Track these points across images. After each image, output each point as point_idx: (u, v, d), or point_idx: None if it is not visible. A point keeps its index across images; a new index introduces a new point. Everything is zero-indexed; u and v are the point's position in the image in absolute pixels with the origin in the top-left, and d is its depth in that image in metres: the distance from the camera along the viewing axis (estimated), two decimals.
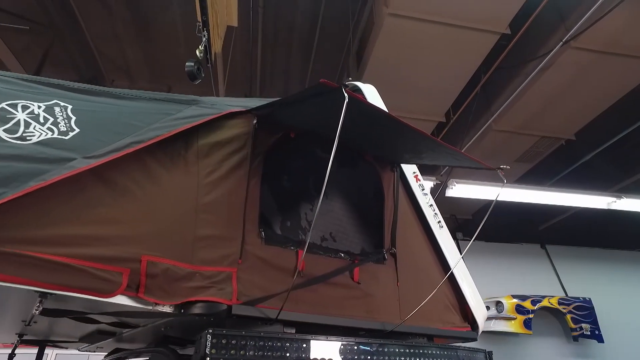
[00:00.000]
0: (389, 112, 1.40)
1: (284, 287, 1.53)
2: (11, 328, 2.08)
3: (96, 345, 2.78)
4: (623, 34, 3.73)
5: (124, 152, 1.43)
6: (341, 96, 1.17)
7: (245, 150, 1.69)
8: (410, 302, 1.92)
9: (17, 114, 1.47)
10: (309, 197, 1.92)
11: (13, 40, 5.32)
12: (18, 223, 1.19)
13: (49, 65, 6.15)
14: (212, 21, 3.06)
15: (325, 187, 1.95)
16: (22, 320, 1.79)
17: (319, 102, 1.45)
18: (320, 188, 1.97)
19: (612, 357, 6.84)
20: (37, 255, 1.17)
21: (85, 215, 1.31)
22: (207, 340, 1.20)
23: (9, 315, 1.75)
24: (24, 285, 1.13)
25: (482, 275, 2.29)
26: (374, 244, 2.05)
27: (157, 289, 1.32)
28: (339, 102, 1.18)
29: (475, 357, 1.95)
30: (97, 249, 1.27)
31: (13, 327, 2.04)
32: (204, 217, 1.50)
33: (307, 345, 1.35)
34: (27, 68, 5.73)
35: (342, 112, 1.15)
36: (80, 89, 1.73)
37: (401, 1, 3.45)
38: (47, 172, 1.30)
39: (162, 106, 1.77)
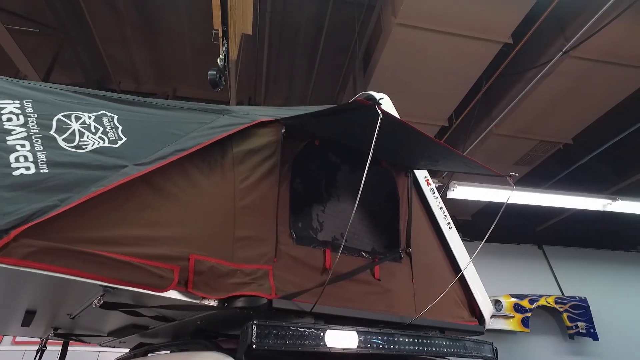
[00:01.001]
0: (415, 127, 1.54)
1: (313, 283, 1.68)
2: (53, 322, 2.21)
3: (120, 340, 2.91)
4: (619, 45, 3.90)
5: (169, 160, 1.56)
6: (375, 113, 1.31)
7: (275, 157, 1.83)
8: (423, 298, 2.07)
9: (72, 124, 1.61)
10: (333, 200, 2.07)
11: (22, 42, 5.40)
12: (84, 225, 1.32)
13: (57, 67, 6.25)
14: (230, 30, 3.20)
15: (344, 192, 2.10)
16: (67, 314, 1.91)
17: (346, 115, 1.59)
18: (342, 192, 2.13)
19: (606, 354, 7.01)
20: (102, 253, 1.30)
21: (138, 218, 1.45)
22: (253, 330, 1.33)
23: (60, 309, 1.88)
24: (93, 280, 1.26)
25: (481, 274, 2.44)
26: (385, 244, 2.19)
27: (203, 284, 1.46)
28: (372, 118, 1.33)
29: (482, 348, 2.10)
30: (151, 249, 1.40)
31: (55, 321, 2.16)
32: (242, 220, 1.64)
33: (337, 335, 1.49)
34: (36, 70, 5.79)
35: (376, 127, 1.29)
36: (122, 100, 1.86)
37: (409, 12, 3.60)
38: (104, 178, 1.43)
39: (197, 115, 1.91)
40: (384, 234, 2.14)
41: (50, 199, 1.30)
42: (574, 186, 6.31)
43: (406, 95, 4.51)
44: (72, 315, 1.91)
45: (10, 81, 1.73)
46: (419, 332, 1.73)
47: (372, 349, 1.55)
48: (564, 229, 7.77)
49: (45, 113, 1.60)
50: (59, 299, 1.69)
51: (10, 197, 1.26)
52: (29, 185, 1.32)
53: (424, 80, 4.34)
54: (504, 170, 6.08)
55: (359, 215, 2.09)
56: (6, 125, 1.48)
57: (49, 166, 1.40)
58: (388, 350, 1.60)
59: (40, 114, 1.59)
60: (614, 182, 6.82)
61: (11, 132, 1.46)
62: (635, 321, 7.50)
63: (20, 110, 1.57)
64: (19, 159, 1.39)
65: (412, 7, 3.54)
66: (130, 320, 2.06)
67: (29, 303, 1.82)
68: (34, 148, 1.45)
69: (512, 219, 7.19)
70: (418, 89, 4.44)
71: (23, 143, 1.44)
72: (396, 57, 4.03)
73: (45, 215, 1.24)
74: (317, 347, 1.43)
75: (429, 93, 4.53)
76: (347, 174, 2.14)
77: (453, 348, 1.91)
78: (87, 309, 1.72)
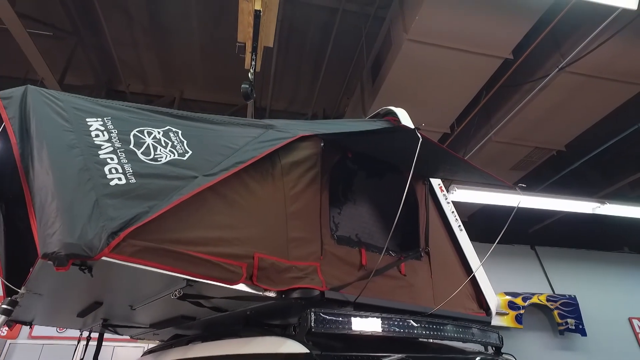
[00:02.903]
0: (447, 148, 1.82)
1: (352, 277, 1.95)
2: (107, 313, 2.44)
3: (154, 332, 3.14)
4: (610, 61, 4.23)
5: (232, 171, 1.81)
6: (416, 137, 1.58)
7: (316, 168, 2.09)
8: (440, 291, 2.35)
9: (146, 139, 1.84)
10: (364, 206, 2.34)
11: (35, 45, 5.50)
12: (170, 227, 1.56)
13: (68, 69, 6.41)
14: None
15: (374, 198, 2.37)
16: (129, 305, 2.15)
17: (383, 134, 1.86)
18: (372, 199, 2.40)
19: (594, 348, 7.37)
20: (187, 252, 1.54)
21: (210, 222, 1.69)
22: (311, 316, 1.59)
23: (126, 301, 2.11)
24: (181, 274, 1.51)
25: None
26: (408, 244, 2.47)
27: (265, 278, 1.71)
28: (412, 140, 1.59)
29: (489, 335, 2.38)
30: (224, 248, 1.65)
31: (110, 312, 2.39)
32: (292, 223, 1.90)
33: (376, 320, 1.76)
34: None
35: (416, 149, 1.56)
36: (183, 116, 2.10)
37: (419, 29, 3.88)
38: (181, 187, 1.67)
39: (246, 130, 2.15)
40: (406, 235, 2.42)
41: (141, 206, 1.54)
42: (565, 190, 6.63)
43: (412, 104, 4.79)
44: (134, 307, 2.14)
45: (91, 100, 1.96)
46: (435, 320, 2.00)
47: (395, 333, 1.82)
48: (556, 231, 8.10)
49: (123, 129, 1.83)
50: (135, 292, 1.93)
51: (112, 204, 1.49)
52: (123, 193, 1.55)
53: (430, 91, 4.64)
54: (501, 174, 6.42)
55: (386, 219, 2.37)
56: (96, 140, 1.72)
57: (135, 177, 1.64)
58: (408, 335, 1.87)
59: (120, 130, 1.82)
60: (603, 186, 7.15)
61: (101, 147, 1.70)
62: (621, 318, 7.89)
63: (104, 127, 1.80)
64: (111, 170, 1.62)
65: (422, 25, 3.82)
66: (181, 312, 2.31)
67: (100, 295, 2.06)
68: (121, 161, 1.68)
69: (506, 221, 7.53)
70: (423, 98, 4.73)
71: (112, 156, 1.68)
72: (405, 70, 4.31)
73: (141, 220, 1.48)
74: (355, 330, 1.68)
75: (433, 103, 4.83)
76: (376, 183, 2.42)
77: (463, 334, 2.18)
78: (150, 302, 1.97)
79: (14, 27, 4.86)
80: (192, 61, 6.77)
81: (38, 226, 1.40)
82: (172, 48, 6.38)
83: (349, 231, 2.18)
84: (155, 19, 5.85)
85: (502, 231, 2.10)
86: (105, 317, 2.60)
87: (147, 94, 7.52)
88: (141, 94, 7.50)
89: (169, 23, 5.87)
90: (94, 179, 1.54)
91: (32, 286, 1.83)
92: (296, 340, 1.59)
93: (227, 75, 6.81)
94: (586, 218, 6.84)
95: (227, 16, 5.57)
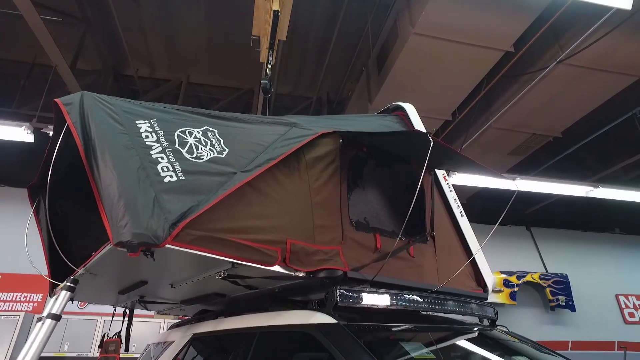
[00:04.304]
0: (456, 149, 2.06)
1: (368, 259, 2.22)
2: (145, 291, 2.72)
3: (180, 308, 3.44)
4: (607, 54, 4.42)
5: (266, 167, 2.05)
6: (427, 140, 1.83)
7: (336, 162, 2.33)
8: (444, 271, 2.64)
9: (188, 139, 2.07)
10: (378, 195, 2.61)
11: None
12: (217, 218, 1.80)
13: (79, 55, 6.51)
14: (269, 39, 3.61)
15: (386, 189, 2.63)
16: (169, 284, 2.43)
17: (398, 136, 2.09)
18: (385, 189, 2.66)
19: (582, 323, 7.84)
20: (232, 239, 1.79)
21: (249, 212, 1.94)
22: (337, 293, 1.88)
23: (168, 280, 2.38)
24: (230, 259, 1.77)
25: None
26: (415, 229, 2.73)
27: (296, 261, 1.97)
28: (424, 142, 1.84)
29: (485, 309, 2.68)
30: (262, 235, 1.90)
31: (149, 290, 2.67)
32: (317, 212, 2.15)
33: (390, 296, 2.05)
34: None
35: (428, 152, 1.81)
36: (218, 116, 2.32)
37: (426, 24, 4.06)
38: (224, 182, 1.91)
39: (272, 128, 2.38)
40: (414, 221, 2.69)
41: (192, 200, 1.78)
42: (561, 173, 6.90)
43: (416, 93, 5.01)
44: (174, 285, 2.43)
45: (136, 103, 2.17)
46: (439, 296, 2.29)
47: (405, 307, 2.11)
48: (550, 212, 8.41)
49: (167, 130, 2.05)
50: (181, 273, 2.20)
51: (168, 198, 1.73)
52: (175, 189, 1.79)
53: (433, 81, 4.84)
54: (499, 158, 6.68)
55: (397, 206, 2.64)
56: (146, 141, 1.95)
57: (183, 174, 1.87)
58: (416, 308, 2.16)
59: (165, 131, 2.04)
60: (598, 170, 7.41)
61: (152, 147, 1.93)
62: (608, 295, 8.33)
63: (151, 129, 2.02)
64: (163, 169, 1.85)
65: (428, 19, 4.00)
66: (214, 290, 2.59)
67: (148, 275, 2.33)
68: (170, 160, 1.91)
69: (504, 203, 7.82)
70: (427, 88, 4.94)
71: (162, 156, 1.91)
72: (410, 61, 4.51)
73: (194, 212, 1.73)
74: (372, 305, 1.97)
75: (436, 92, 5.04)
76: (386, 173, 2.67)
77: (463, 309, 2.48)
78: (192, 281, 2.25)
79: (29, 15, 4.93)
80: (199, 46, 6.85)
81: (109, 219, 1.64)
82: (179, 33, 6.45)
83: (364, 218, 2.45)
84: (163, 4, 5.92)
85: (501, 217, 2.38)
86: (142, 294, 2.89)
87: (154, 78, 7.65)
88: (148, 78, 7.64)
89: (177, 9, 5.94)
90: (150, 177, 1.78)
91: (92, 267, 2.10)
92: (325, 313, 1.88)
93: (232, 60, 6.92)
94: (580, 200, 7.16)
95: (235, 3, 5.67)
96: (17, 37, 6.64)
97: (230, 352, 2.29)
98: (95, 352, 5.48)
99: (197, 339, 2.81)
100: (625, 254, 8.80)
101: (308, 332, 1.85)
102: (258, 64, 6.95)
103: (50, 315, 2.07)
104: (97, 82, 7.13)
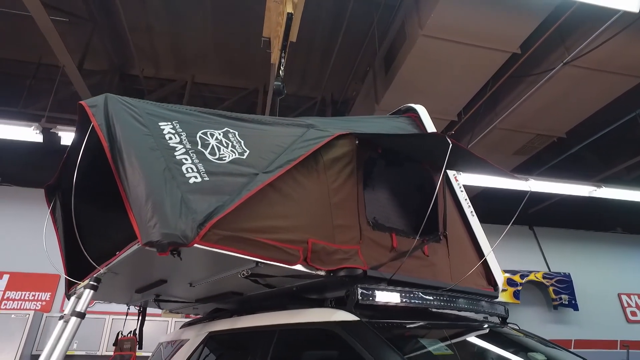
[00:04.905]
0: (472, 151, 2.11)
1: (385, 258, 2.27)
2: (161, 290, 2.76)
3: (194, 306, 3.47)
4: (612, 56, 4.47)
5: (286, 168, 2.09)
6: (446, 143, 1.87)
7: (353, 163, 2.38)
8: (456, 270, 2.68)
9: (210, 140, 2.11)
10: (392, 195, 2.66)
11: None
12: (241, 218, 1.83)
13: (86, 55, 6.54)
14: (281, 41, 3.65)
15: (401, 189, 2.68)
16: (188, 283, 2.47)
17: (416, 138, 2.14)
18: (399, 189, 2.70)
19: (585, 322, 7.89)
20: (256, 239, 1.83)
21: (271, 212, 1.97)
22: (358, 291, 1.92)
23: (187, 279, 2.42)
24: (255, 258, 1.81)
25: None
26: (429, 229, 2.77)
27: (317, 260, 2.01)
28: (442, 145, 1.89)
29: (496, 307, 2.73)
30: (284, 235, 1.94)
31: (165, 289, 2.71)
32: (336, 212, 2.19)
33: (408, 294, 2.09)
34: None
35: (447, 154, 1.85)
36: (236, 117, 2.36)
37: (434, 26, 4.11)
38: (247, 183, 1.95)
39: (290, 130, 2.42)
40: (427, 220, 2.74)
41: (217, 200, 1.81)
42: (564, 173, 6.95)
43: (423, 94, 5.05)
44: (193, 284, 2.47)
45: (157, 105, 2.21)
46: (453, 294, 2.34)
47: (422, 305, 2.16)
48: (553, 212, 8.45)
49: (190, 131, 2.09)
50: (202, 271, 2.24)
51: (194, 199, 1.77)
52: (200, 190, 1.83)
53: (440, 82, 4.89)
54: (503, 158, 6.73)
55: (410, 206, 2.68)
56: (170, 143, 1.98)
57: (207, 175, 1.91)
58: (432, 306, 2.21)
59: (187, 133, 2.08)
60: (601, 170, 7.45)
61: (175, 149, 1.97)
62: (610, 294, 8.39)
63: (174, 130, 2.06)
64: (188, 170, 1.89)
65: (437, 21, 4.04)
66: (231, 289, 2.64)
67: (168, 274, 2.37)
68: (194, 161, 1.95)
69: (507, 202, 7.87)
70: (434, 89, 4.99)
71: (186, 157, 1.95)
72: (418, 62, 4.55)
73: (220, 212, 1.76)
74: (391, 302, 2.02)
75: (443, 92, 5.08)
76: (400, 174, 2.72)
77: (476, 306, 2.53)
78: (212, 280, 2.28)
79: (38, 16, 4.95)
80: (204, 46, 6.88)
81: (137, 219, 1.67)
82: (185, 33, 6.48)
83: (380, 217, 2.49)
84: (170, 4, 5.94)
85: (513, 218, 2.43)
86: (159, 293, 2.93)
87: (159, 78, 7.69)
88: (153, 78, 7.68)
89: (183, 8, 5.97)
90: (176, 178, 1.81)
91: (115, 266, 2.14)
92: (346, 311, 1.93)
93: (237, 60, 6.96)
94: (583, 200, 7.21)
95: (240, 3, 5.71)
96: (22, 37, 6.67)
97: (249, 350, 2.34)
98: (104, 351, 5.52)
99: (213, 336, 2.86)
100: (627, 253, 8.86)
101: (330, 329, 1.89)
102: (263, 64, 7.01)
103: (75, 313, 2.10)
104: (102, 82, 7.16)
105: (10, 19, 6.21)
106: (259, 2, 5.62)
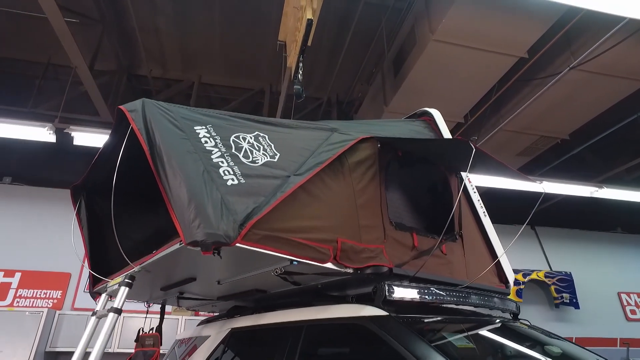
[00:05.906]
0: (494, 156, 2.22)
1: (407, 257, 2.37)
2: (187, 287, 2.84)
3: (212, 304, 3.56)
4: (617, 61, 4.59)
5: (315, 171, 2.18)
6: (470, 148, 1.97)
7: (375, 166, 2.48)
8: (471, 268, 2.79)
9: (243, 144, 2.21)
10: (413, 197, 2.76)
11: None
12: (277, 218, 1.91)
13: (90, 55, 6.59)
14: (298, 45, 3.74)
15: (421, 191, 2.78)
16: (216, 281, 2.57)
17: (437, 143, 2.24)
18: (419, 191, 2.81)
19: (585, 320, 8.02)
20: (291, 238, 1.91)
21: (303, 213, 2.06)
22: (386, 287, 2.03)
23: (216, 277, 2.51)
24: (290, 257, 1.90)
25: None
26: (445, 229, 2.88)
27: (346, 258, 2.11)
28: (466, 150, 1.99)
29: (508, 304, 2.84)
30: (315, 235, 2.03)
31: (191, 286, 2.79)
32: (362, 213, 2.29)
33: (429, 291, 2.20)
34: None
35: (470, 159, 1.96)
36: (265, 121, 2.45)
37: (445, 30, 4.21)
38: (281, 185, 2.04)
39: (315, 134, 2.52)
40: (444, 220, 2.85)
41: (254, 202, 1.90)
42: (566, 174, 7.07)
43: (431, 97, 5.16)
44: (221, 282, 2.56)
45: (191, 109, 2.30)
46: (469, 290, 2.44)
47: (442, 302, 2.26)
48: (555, 212, 8.55)
49: (223, 135, 2.18)
50: (234, 269, 2.33)
51: (233, 200, 1.86)
52: (238, 192, 1.92)
53: (448, 85, 5.00)
54: (507, 159, 6.85)
55: (429, 207, 2.79)
56: (206, 146, 2.08)
57: (243, 177, 2.00)
58: (451, 302, 2.32)
59: (221, 137, 2.17)
60: (602, 171, 7.56)
61: (212, 152, 2.06)
62: (610, 292, 8.53)
63: (209, 134, 2.15)
64: (225, 172, 1.98)
65: (448, 26, 4.15)
66: (256, 286, 2.73)
67: (198, 272, 2.46)
68: (229, 164, 2.04)
69: (509, 202, 8.00)
70: (442, 92, 5.10)
71: (222, 160, 2.04)
72: (428, 67, 4.66)
73: (258, 213, 1.85)
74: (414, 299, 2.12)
75: (450, 95, 5.19)
76: (420, 177, 2.83)
77: (491, 303, 2.64)
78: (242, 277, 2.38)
79: (53, 17, 5.00)
80: (212, 47, 6.95)
81: (180, 220, 1.76)
82: (193, 34, 6.54)
83: (402, 218, 2.60)
84: (179, 5, 6.01)
85: (528, 218, 2.55)
86: (183, 291, 3.02)
87: (167, 79, 7.76)
88: (160, 79, 7.75)
89: (192, 9, 6.03)
90: (215, 180, 1.91)
91: (149, 265, 2.23)
92: (374, 306, 2.03)
93: (244, 60, 7.03)
94: (584, 200, 7.35)
95: (248, 4, 5.78)
96: (31, 38, 6.73)
97: (275, 345, 2.43)
98: (115, 348, 5.60)
99: (236, 333, 2.94)
100: (627, 253, 9.01)
101: (360, 323, 2.00)
102: (269, 64, 7.10)
103: (113, 309, 2.20)
104: (110, 82, 7.23)
105: (19, 19, 6.26)
106: (267, 3, 5.72)
